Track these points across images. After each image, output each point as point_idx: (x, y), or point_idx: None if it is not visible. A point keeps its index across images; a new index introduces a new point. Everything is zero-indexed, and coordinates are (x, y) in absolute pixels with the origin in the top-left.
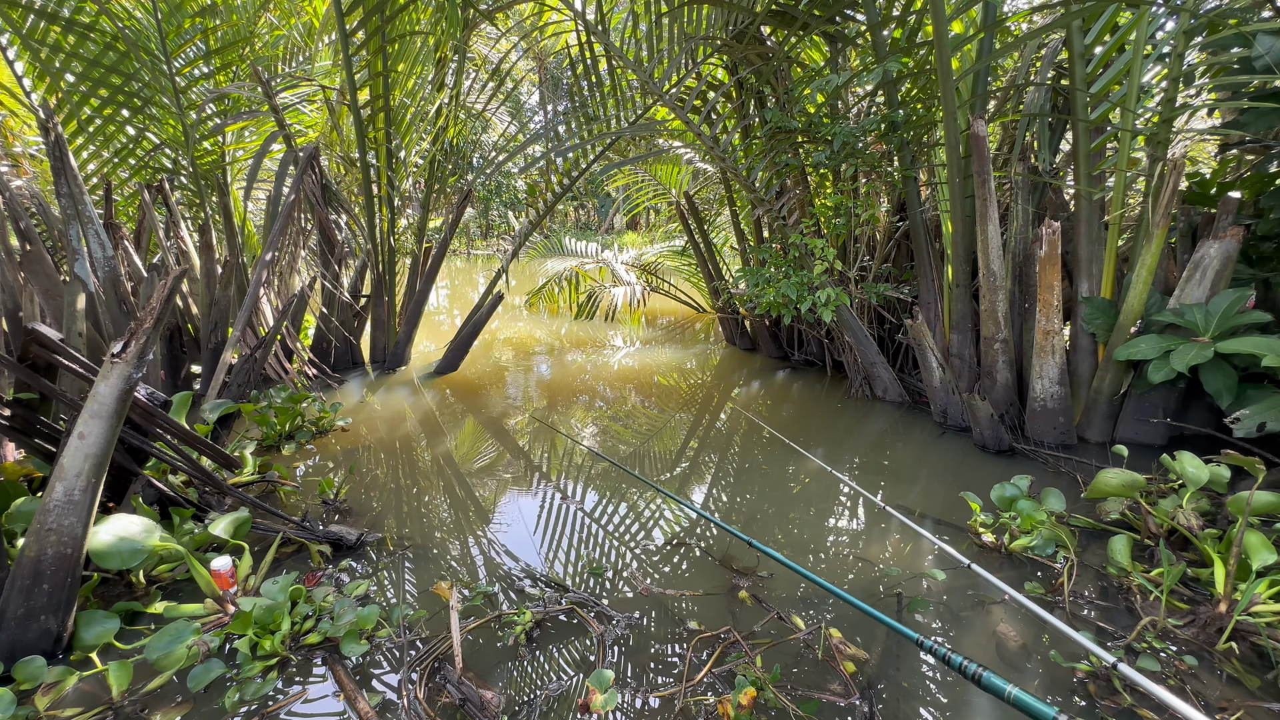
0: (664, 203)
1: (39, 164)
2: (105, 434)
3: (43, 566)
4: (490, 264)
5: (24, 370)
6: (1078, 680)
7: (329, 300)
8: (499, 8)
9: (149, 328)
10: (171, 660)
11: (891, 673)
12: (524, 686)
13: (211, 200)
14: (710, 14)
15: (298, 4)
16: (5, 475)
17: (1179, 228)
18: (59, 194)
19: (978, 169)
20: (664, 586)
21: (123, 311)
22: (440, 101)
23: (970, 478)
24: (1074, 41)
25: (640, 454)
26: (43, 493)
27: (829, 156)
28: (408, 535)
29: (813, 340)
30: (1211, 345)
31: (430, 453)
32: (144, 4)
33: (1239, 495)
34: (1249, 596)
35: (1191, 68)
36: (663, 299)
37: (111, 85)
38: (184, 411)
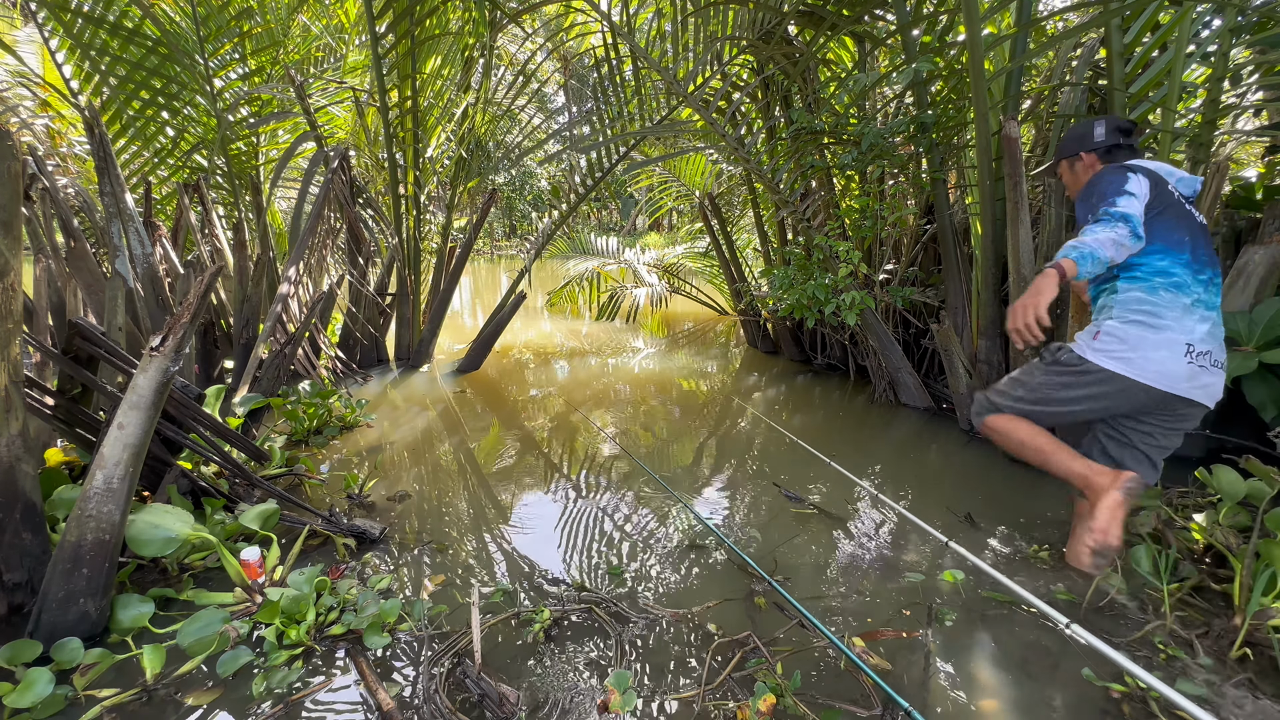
0: (687, 204)
1: (82, 163)
2: (143, 424)
3: (82, 552)
4: (513, 264)
5: (67, 362)
6: (1114, 699)
7: (356, 298)
8: (526, 9)
9: (186, 322)
10: (202, 645)
11: (916, 686)
12: (542, 684)
13: (245, 199)
14: (737, 14)
15: (329, 7)
16: (48, 463)
17: (1221, 232)
18: (102, 193)
19: (1010, 171)
20: (682, 589)
21: (160, 307)
22: (467, 102)
23: (997, 487)
24: (1112, 40)
25: (660, 456)
26: (83, 480)
27: (856, 158)
28: (429, 531)
29: (836, 344)
30: (1255, 355)
31: (452, 450)
32: (184, 9)
33: (1276, 511)
34: (1254, 606)
35: (1237, 66)
36: (684, 301)
37: (153, 87)
38: (216, 404)
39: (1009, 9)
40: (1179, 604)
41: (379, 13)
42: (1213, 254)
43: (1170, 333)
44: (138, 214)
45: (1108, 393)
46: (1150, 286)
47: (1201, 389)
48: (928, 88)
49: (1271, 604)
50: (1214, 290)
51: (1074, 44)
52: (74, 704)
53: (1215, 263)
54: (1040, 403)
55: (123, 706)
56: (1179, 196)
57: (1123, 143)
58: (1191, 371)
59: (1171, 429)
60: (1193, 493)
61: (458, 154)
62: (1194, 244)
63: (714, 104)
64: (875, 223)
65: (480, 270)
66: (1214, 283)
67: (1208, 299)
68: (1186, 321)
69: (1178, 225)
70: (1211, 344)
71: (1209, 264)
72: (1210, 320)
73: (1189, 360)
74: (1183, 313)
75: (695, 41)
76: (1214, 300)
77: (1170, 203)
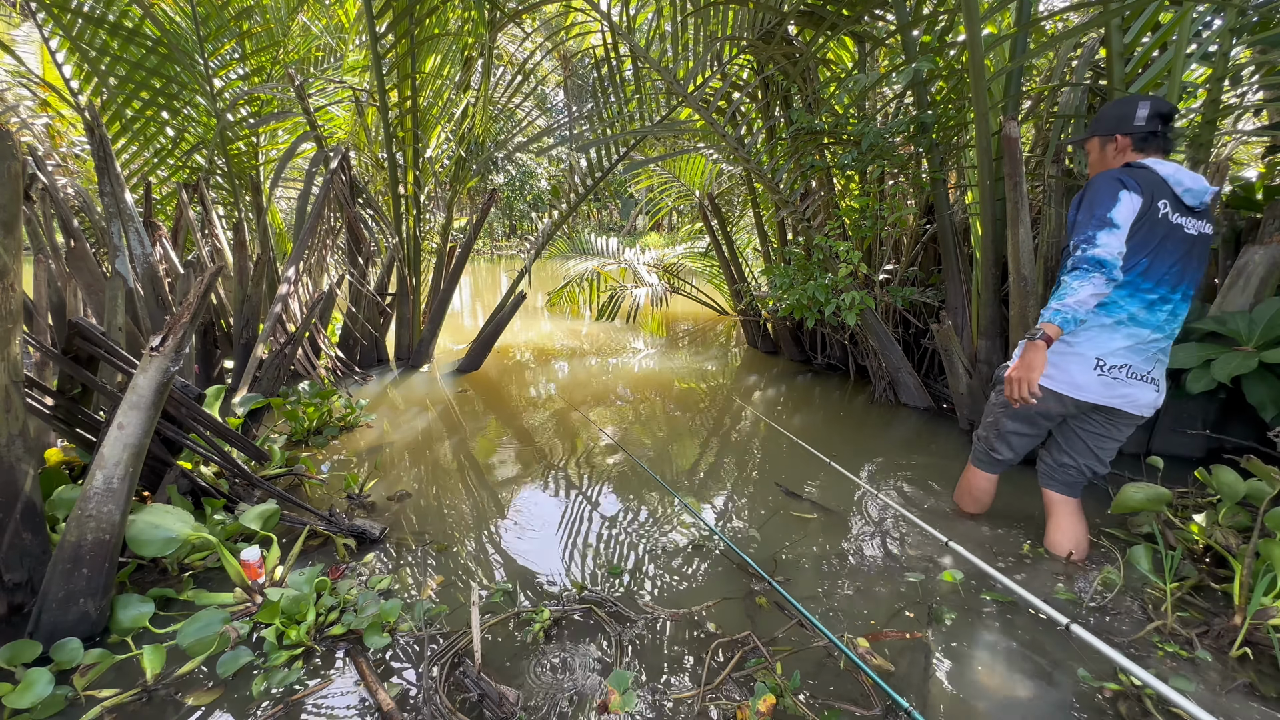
0: (687, 204)
1: (82, 163)
2: (143, 424)
3: (82, 552)
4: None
5: (67, 362)
6: (1107, 699)
7: (356, 298)
8: (525, 9)
9: (186, 322)
10: (202, 646)
11: (918, 686)
12: (542, 684)
13: (245, 199)
14: (737, 14)
15: (329, 7)
16: (48, 463)
17: (1221, 232)
18: (102, 193)
19: (1010, 171)
20: (682, 589)
21: (160, 307)
22: (466, 102)
23: (997, 488)
24: (1113, 40)
25: (659, 456)
26: (83, 480)
27: (856, 158)
28: (429, 531)
29: (836, 344)
30: (1255, 355)
31: (452, 450)
32: (184, 9)
33: (1276, 511)
34: (1254, 605)
35: (1237, 66)
36: (684, 301)
37: (153, 87)
38: (216, 404)
39: (1009, 9)
40: (1179, 603)
41: (379, 12)
42: (1187, 270)
43: (1081, 348)
44: (138, 214)
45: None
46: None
47: (1121, 398)
48: (928, 88)
49: (1272, 603)
50: (1165, 308)
51: (1074, 44)
52: (74, 704)
53: (1181, 279)
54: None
55: (123, 707)
56: (1164, 214)
57: (1160, 130)
58: (1105, 383)
59: (1104, 434)
60: (1193, 493)
61: (457, 154)
62: (1152, 264)
63: (714, 104)
64: (875, 223)
65: (480, 270)
66: (1172, 300)
67: (1146, 317)
68: (1101, 338)
69: (1143, 246)
70: (1132, 358)
71: (1168, 283)
72: (1136, 337)
73: (1099, 373)
74: (1100, 331)
75: (695, 41)
76: (1156, 319)
77: (1152, 223)
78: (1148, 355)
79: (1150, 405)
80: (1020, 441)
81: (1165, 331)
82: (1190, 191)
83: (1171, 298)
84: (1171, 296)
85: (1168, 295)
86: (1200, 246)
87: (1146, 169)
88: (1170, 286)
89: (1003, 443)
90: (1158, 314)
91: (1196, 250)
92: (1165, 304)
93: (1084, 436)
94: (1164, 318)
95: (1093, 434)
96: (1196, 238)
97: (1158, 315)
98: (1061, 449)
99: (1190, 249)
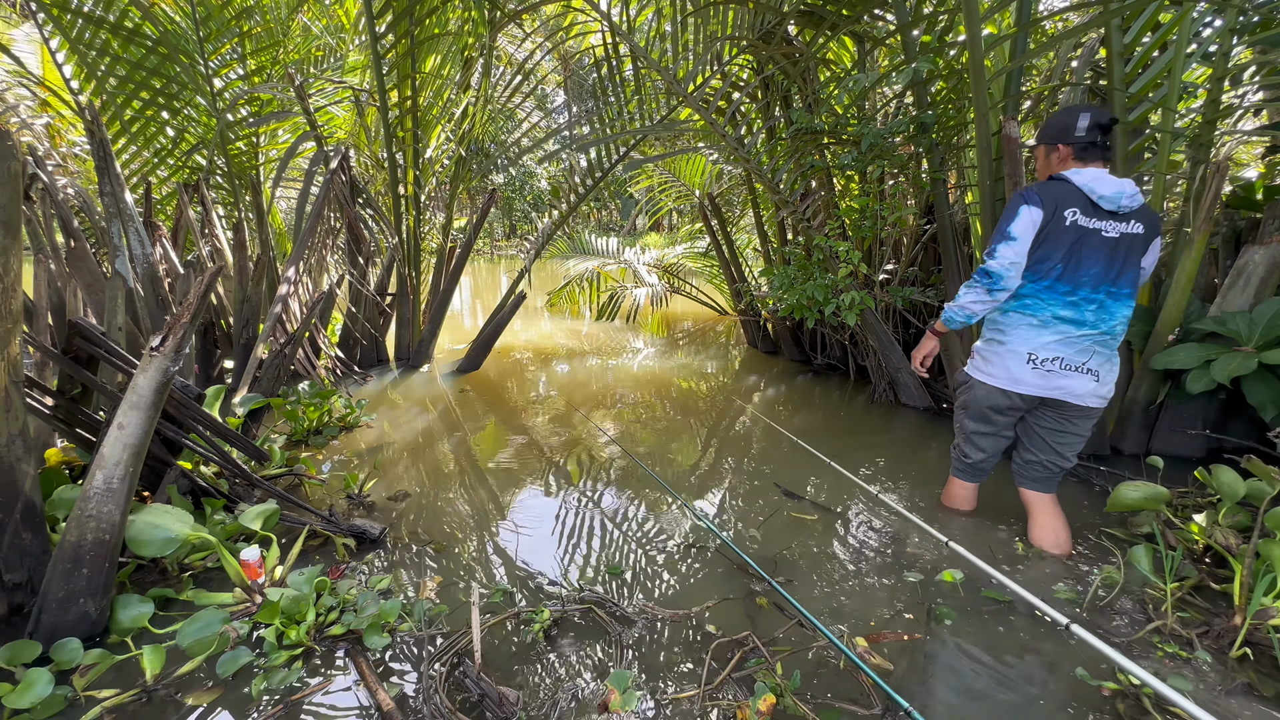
0: (687, 204)
1: (82, 163)
2: (143, 424)
3: (82, 552)
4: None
5: (67, 362)
6: (1105, 697)
7: (356, 298)
8: (525, 9)
9: (186, 322)
10: (202, 646)
11: (918, 685)
12: (542, 684)
13: (245, 199)
14: (737, 14)
15: (329, 7)
16: (48, 463)
17: (1221, 233)
18: (102, 193)
19: (1010, 171)
20: (682, 589)
21: (160, 307)
22: (466, 102)
23: (996, 488)
24: (1113, 40)
25: (659, 456)
26: (83, 480)
27: (856, 158)
28: (429, 531)
29: (835, 344)
30: (1255, 355)
31: (452, 450)
32: (184, 9)
33: (1276, 511)
34: (1254, 606)
35: (1238, 66)
36: (684, 301)
37: (152, 88)
38: (216, 404)
39: (1009, 9)
40: (1179, 603)
41: (379, 12)
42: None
43: (1014, 345)
44: (138, 214)
45: (982, 396)
46: (1003, 309)
47: (1059, 390)
48: (928, 88)
49: (1272, 604)
50: (1089, 307)
51: (1074, 44)
52: (74, 704)
53: (1104, 278)
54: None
55: (122, 707)
56: (1073, 222)
57: (1099, 141)
58: (1040, 375)
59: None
60: (1193, 493)
61: (457, 154)
62: (1066, 268)
63: (714, 104)
64: (875, 223)
65: (480, 270)
66: (1094, 300)
67: (1071, 315)
68: (1029, 335)
69: (1054, 252)
70: (1064, 350)
71: (1087, 283)
72: (1065, 332)
73: (1032, 366)
74: (1028, 329)
75: (695, 41)
76: (1080, 315)
77: (1058, 231)
78: (1081, 348)
79: (1091, 395)
80: (985, 441)
81: (1097, 326)
82: (1105, 198)
83: (1095, 296)
84: (1094, 295)
85: (1089, 295)
86: (1126, 246)
87: (1062, 181)
88: (1091, 286)
89: (970, 445)
90: (1083, 311)
91: (1122, 250)
92: (1089, 303)
93: (1041, 433)
94: (1091, 314)
95: (1049, 429)
96: (1120, 239)
97: (1083, 312)
98: (1025, 446)
99: (1114, 250)
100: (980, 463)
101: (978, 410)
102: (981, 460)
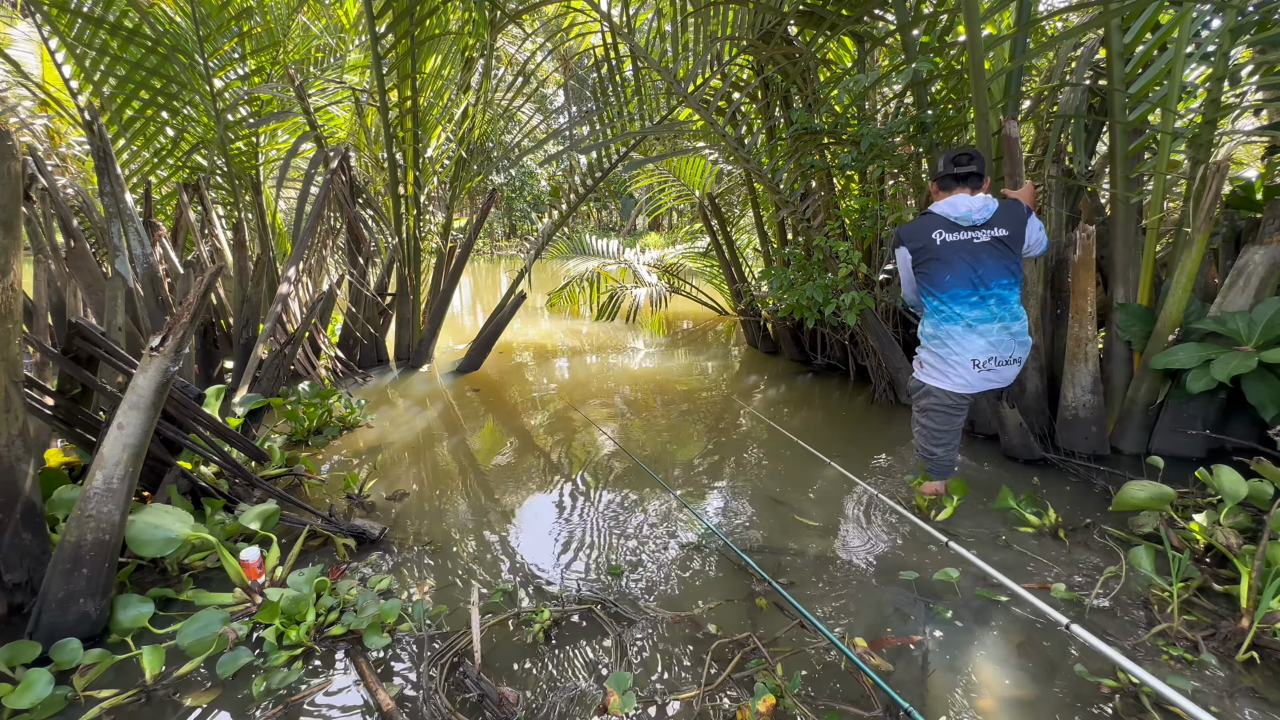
0: (687, 204)
1: (82, 164)
2: (143, 424)
3: (82, 552)
4: (513, 264)
5: (67, 362)
6: (1104, 694)
7: (356, 298)
8: (525, 9)
9: (186, 322)
10: (202, 646)
11: (917, 685)
12: (542, 685)
13: (245, 199)
14: (737, 14)
15: (329, 7)
16: (48, 463)
17: (1221, 232)
18: (102, 193)
19: (1009, 171)
20: (682, 590)
21: (160, 307)
22: (466, 103)
23: (997, 488)
24: (1113, 40)
25: (660, 456)
26: (83, 480)
27: (855, 158)
28: (429, 531)
29: (835, 344)
30: (1255, 355)
31: (451, 450)
32: (184, 9)
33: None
34: (1264, 608)
35: (1237, 66)
36: (684, 301)
37: (152, 88)
38: (216, 405)
39: (1009, 9)
40: (1183, 605)
41: (379, 13)
42: (988, 269)
43: (958, 356)
44: (138, 214)
45: (941, 397)
46: (934, 323)
47: (999, 380)
48: (928, 88)
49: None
50: (989, 302)
51: (1074, 44)
52: (73, 704)
53: (986, 278)
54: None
55: (122, 707)
56: (943, 241)
57: (956, 172)
58: (983, 376)
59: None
60: (1193, 493)
61: (457, 154)
62: (954, 278)
63: (714, 104)
64: (875, 223)
65: (480, 270)
66: (990, 295)
67: (978, 314)
68: (966, 342)
69: (941, 269)
70: (994, 351)
71: (975, 284)
72: (985, 333)
73: (978, 371)
74: (962, 335)
75: (695, 41)
76: (988, 312)
77: (934, 250)
78: (1004, 345)
79: (1016, 371)
80: (944, 436)
81: (1001, 316)
82: (961, 216)
83: (985, 292)
84: (983, 291)
85: (982, 293)
86: (994, 247)
87: (927, 214)
88: (983, 285)
89: (936, 444)
90: (984, 308)
91: (992, 252)
92: (985, 300)
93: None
94: (992, 308)
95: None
96: (989, 242)
97: (985, 309)
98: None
99: (984, 253)
100: (945, 457)
101: (940, 410)
102: (946, 458)
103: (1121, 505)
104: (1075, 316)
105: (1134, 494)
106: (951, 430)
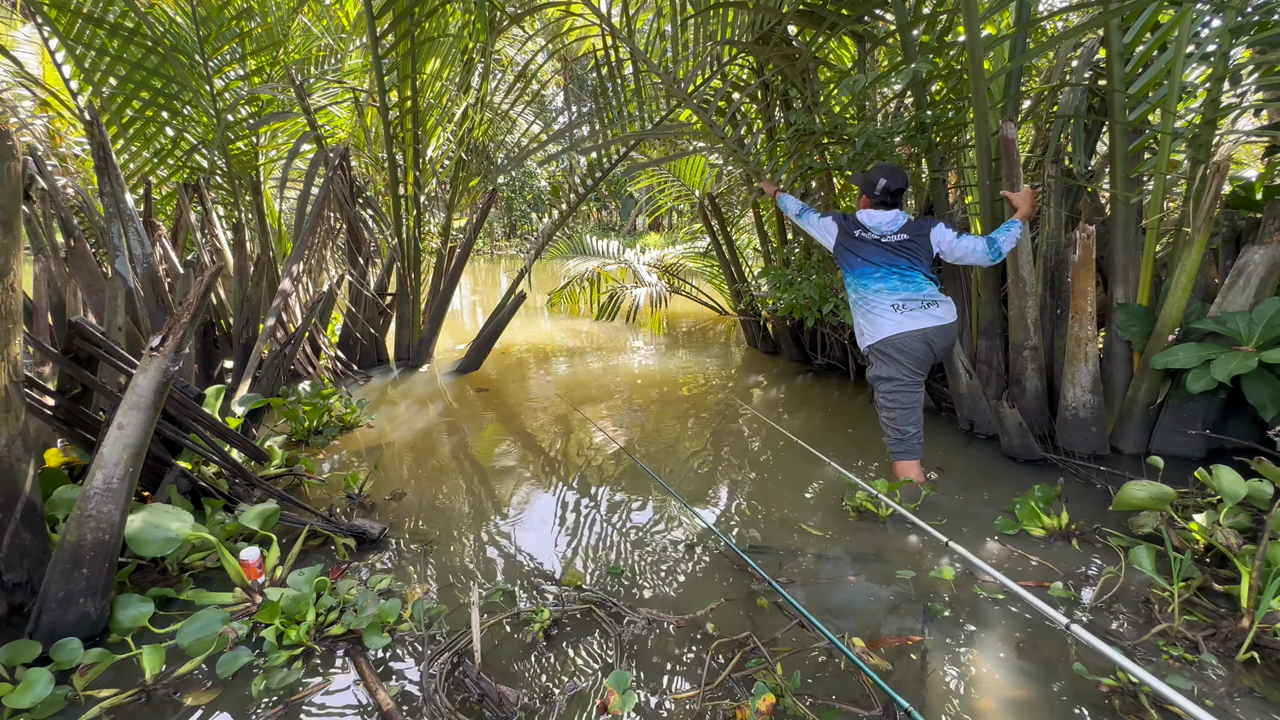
0: (687, 204)
1: (82, 164)
2: (143, 424)
3: (82, 552)
4: (513, 264)
5: (67, 362)
6: (1103, 693)
7: (356, 298)
8: (526, 11)
9: (186, 322)
10: (202, 646)
11: (917, 685)
12: (542, 684)
13: (245, 199)
14: (736, 15)
15: (329, 7)
16: (48, 463)
17: (1221, 232)
18: (102, 193)
19: (1008, 172)
20: (682, 590)
21: (160, 307)
22: (467, 104)
23: (997, 487)
24: (1112, 40)
25: (660, 456)
26: (83, 480)
27: (853, 158)
28: (429, 530)
29: (835, 344)
30: (1255, 355)
31: (451, 449)
32: (184, 9)
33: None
34: (1264, 608)
35: (1237, 66)
36: (684, 301)
37: (152, 88)
38: (216, 404)
39: (1009, 9)
40: (1183, 605)
41: (379, 13)
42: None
43: (877, 307)
44: (138, 214)
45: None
46: (855, 298)
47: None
48: (927, 88)
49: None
50: (891, 277)
51: (1074, 44)
52: (73, 704)
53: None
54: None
55: (122, 707)
56: (860, 237)
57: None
58: (908, 316)
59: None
60: (1192, 493)
61: (457, 154)
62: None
63: (714, 105)
64: None
65: (480, 270)
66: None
67: (885, 284)
68: (879, 297)
69: (852, 255)
70: (906, 293)
71: (880, 264)
72: (895, 292)
73: (899, 312)
74: (875, 293)
75: (695, 42)
76: (889, 284)
77: (850, 243)
78: (912, 295)
79: (945, 315)
80: (911, 414)
81: (905, 287)
82: (872, 227)
83: (886, 271)
84: (890, 272)
85: (884, 272)
86: (900, 247)
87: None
88: (878, 265)
89: (903, 422)
90: (889, 280)
91: (899, 248)
92: (889, 276)
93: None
94: (897, 282)
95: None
96: (896, 243)
97: (890, 281)
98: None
99: (894, 249)
100: (911, 437)
101: (900, 390)
102: (915, 432)
103: (1122, 505)
104: (1075, 316)
105: (1134, 494)
106: (915, 405)
